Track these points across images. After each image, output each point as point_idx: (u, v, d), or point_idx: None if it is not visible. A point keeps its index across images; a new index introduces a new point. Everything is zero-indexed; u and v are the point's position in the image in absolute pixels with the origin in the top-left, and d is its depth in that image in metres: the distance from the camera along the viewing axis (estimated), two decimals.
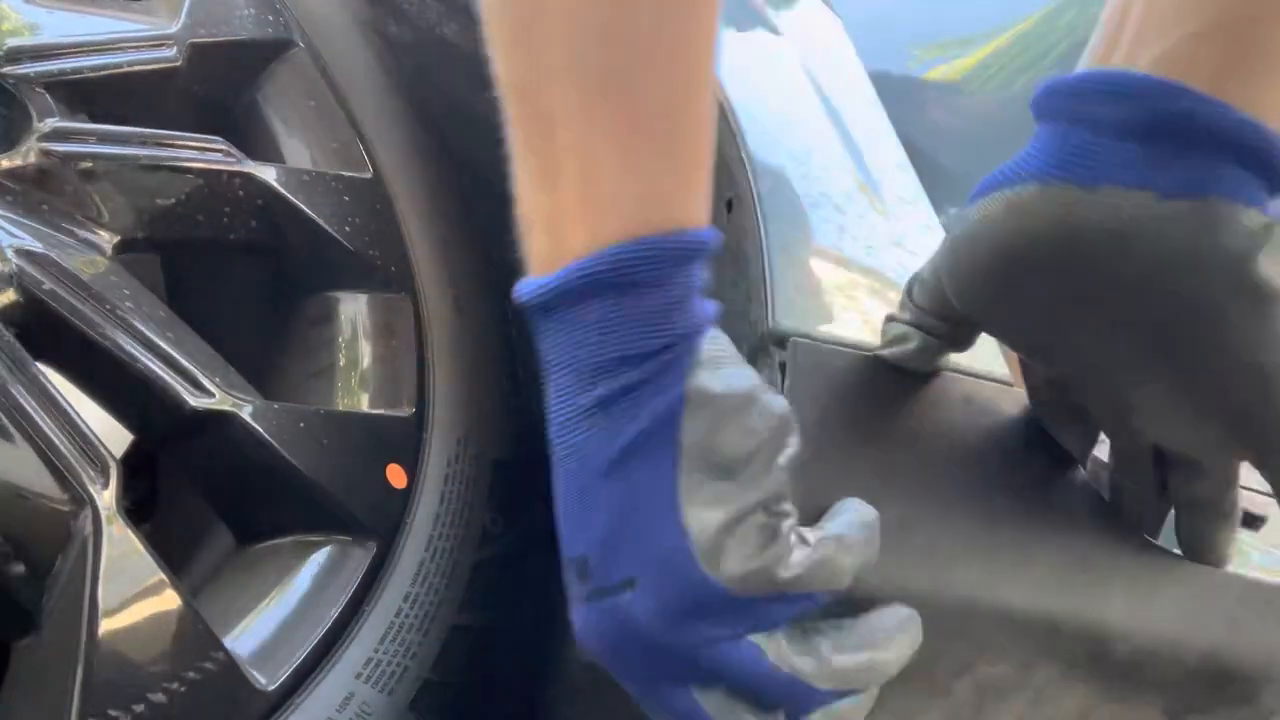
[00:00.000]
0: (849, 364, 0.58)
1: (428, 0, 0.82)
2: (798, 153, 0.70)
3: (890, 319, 0.59)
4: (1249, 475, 0.57)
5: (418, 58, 0.83)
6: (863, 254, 0.66)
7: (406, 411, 0.70)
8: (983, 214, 0.51)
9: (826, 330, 0.60)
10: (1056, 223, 0.48)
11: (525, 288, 0.48)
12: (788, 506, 0.48)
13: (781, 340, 0.58)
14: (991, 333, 0.57)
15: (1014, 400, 0.60)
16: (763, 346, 0.59)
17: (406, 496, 0.68)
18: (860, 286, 0.64)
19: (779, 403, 0.48)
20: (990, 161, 0.52)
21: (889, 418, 0.57)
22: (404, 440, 0.69)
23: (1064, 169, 0.48)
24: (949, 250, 0.53)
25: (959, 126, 0.98)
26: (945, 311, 0.55)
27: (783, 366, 0.57)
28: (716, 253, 0.49)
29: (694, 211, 0.48)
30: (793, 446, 0.48)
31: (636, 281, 0.47)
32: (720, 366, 0.47)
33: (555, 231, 0.48)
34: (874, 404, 0.57)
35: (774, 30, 0.80)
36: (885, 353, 0.58)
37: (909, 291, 0.57)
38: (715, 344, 0.48)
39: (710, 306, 0.49)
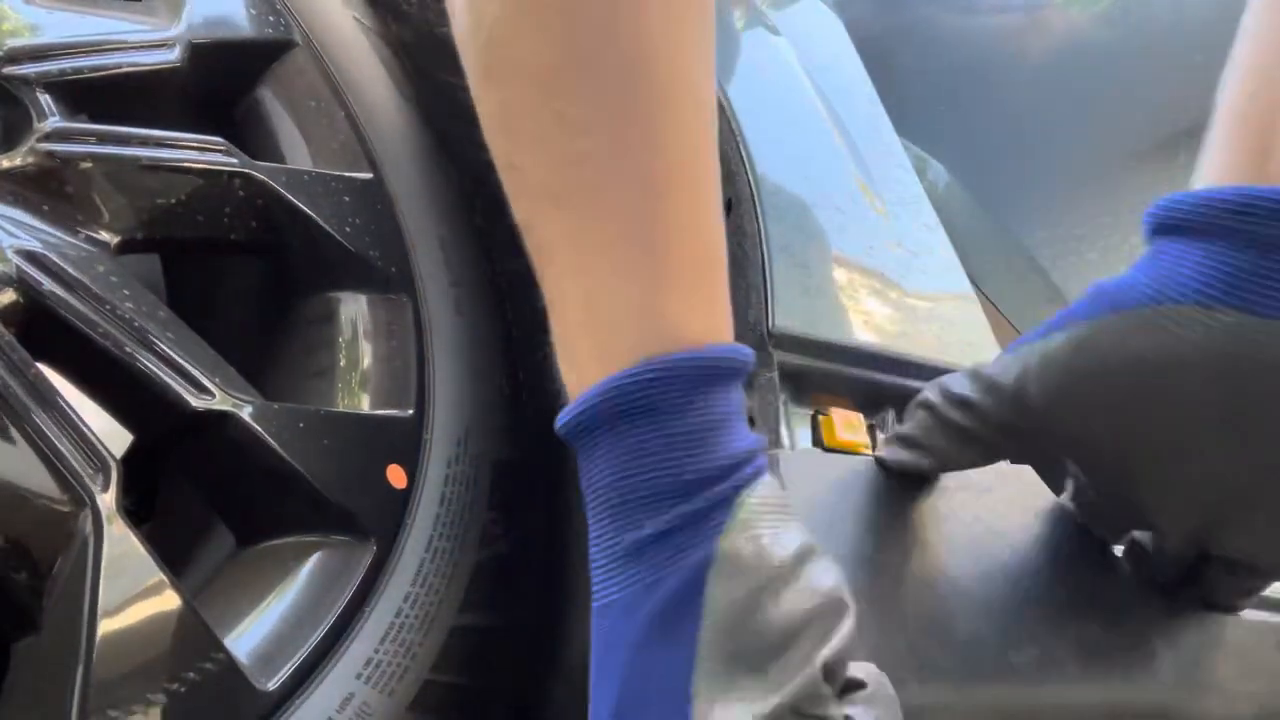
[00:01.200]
0: (848, 468, 0.55)
1: (428, 0, 0.82)
2: (798, 153, 0.70)
3: (903, 441, 0.54)
4: None
5: (418, 58, 0.83)
6: (863, 254, 0.66)
7: (406, 412, 0.70)
8: (1113, 329, 0.47)
9: (827, 331, 0.60)
10: (1222, 352, 0.45)
11: (559, 419, 0.45)
12: (825, 707, 0.40)
13: (782, 341, 0.58)
14: (1068, 450, 0.54)
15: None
16: (762, 347, 0.59)
17: (406, 497, 0.68)
18: (860, 286, 0.64)
19: (828, 575, 0.42)
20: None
21: (897, 518, 0.55)
22: (404, 441, 0.69)
23: (1233, 294, 0.44)
24: (1053, 362, 0.49)
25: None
26: (1010, 421, 0.51)
27: (782, 368, 0.57)
28: (748, 374, 0.44)
29: (709, 326, 0.44)
30: (845, 631, 0.41)
31: (649, 409, 0.41)
32: (760, 523, 0.41)
33: (569, 359, 0.45)
34: (880, 505, 0.55)
35: (774, 30, 0.80)
36: (889, 460, 0.55)
37: (953, 394, 0.52)
38: (760, 490, 0.42)
39: (753, 440, 0.43)
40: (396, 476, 0.67)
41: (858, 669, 0.43)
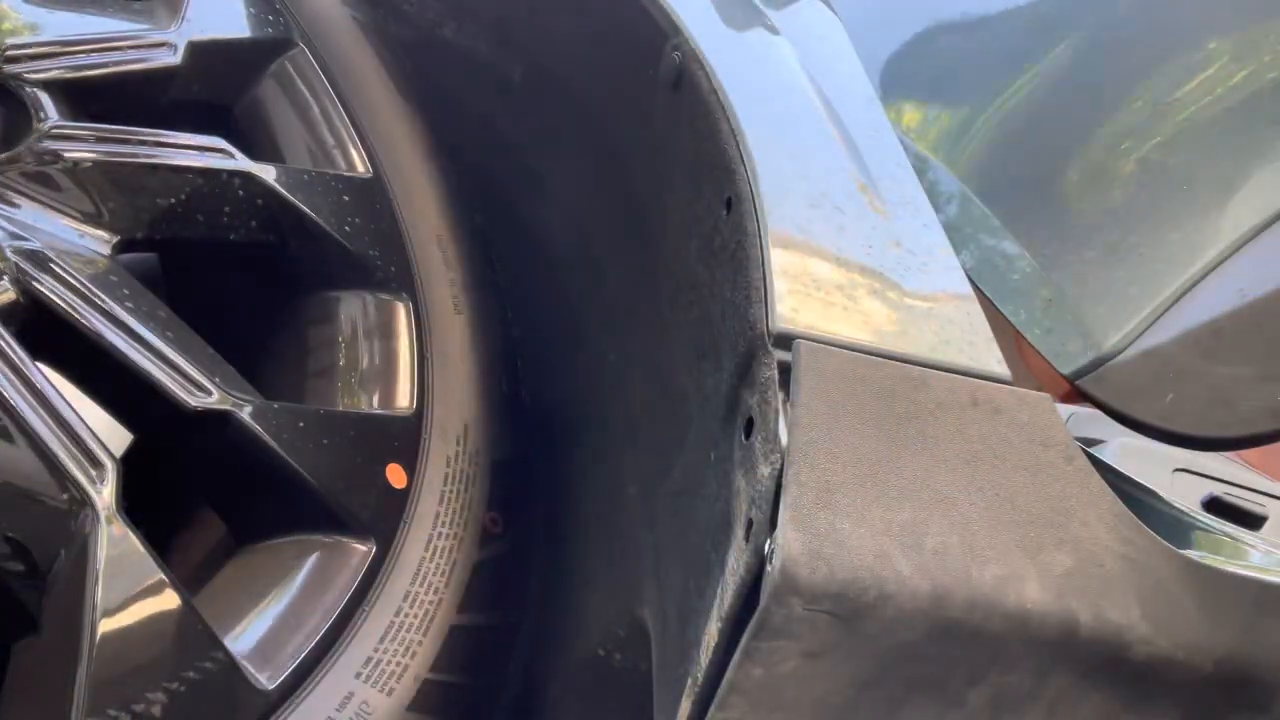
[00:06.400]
0: (859, 365, 0.57)
1: (428, 0, 0.82)
2: (798, 153, 0.70)
3: None
4: (1246, 474, 0.57)
5: (418, 58, 0.83)
6: (863, 254, 0.66)
7: (406, 411, 0.70)
8: None
9: (826, 330, 0.60)
10: None
11: None
12: None
13: (781, 340, 0.58)
14: None
15: (1019, 400, 0.60)
16: (761, 346, 0.59)
17: (406, 496, 0.68)
18: (860, 286, 0.64)
19: None
20: None
21: (902, 419, 0.57)
22: (404, 440, 0.69)
23: None
24: None
25: None
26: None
27: (781, 365, 0.57)
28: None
29: None
30: None
31: None
32: None
33: None
34: (886, 406, 0.57)
35: (774, 30, 0.80)
36: None
37: None
38: None
39: None
40: (396, 475, 0.67)
41: None
